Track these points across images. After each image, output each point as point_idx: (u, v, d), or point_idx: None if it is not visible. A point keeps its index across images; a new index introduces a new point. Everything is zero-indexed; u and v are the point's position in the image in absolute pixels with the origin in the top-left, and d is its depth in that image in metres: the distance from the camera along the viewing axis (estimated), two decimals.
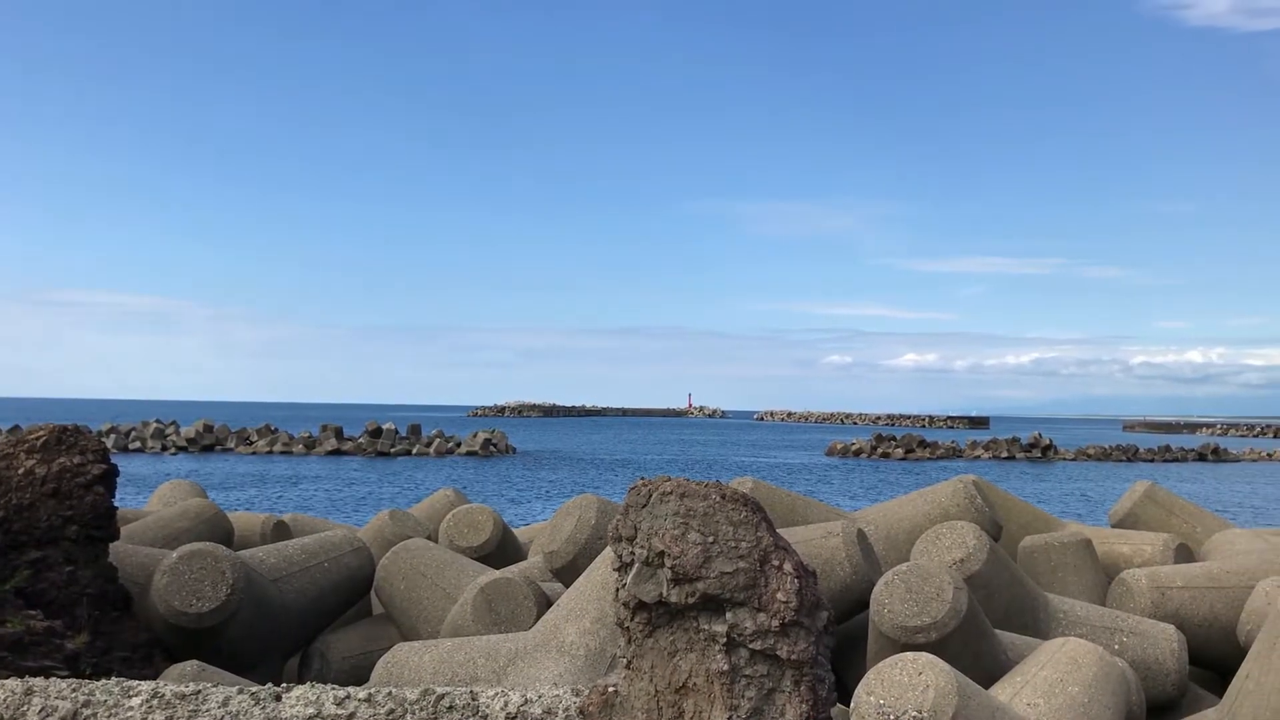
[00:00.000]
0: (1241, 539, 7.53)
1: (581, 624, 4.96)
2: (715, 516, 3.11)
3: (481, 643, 5.25)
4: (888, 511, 6.95)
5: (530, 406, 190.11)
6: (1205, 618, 6.06)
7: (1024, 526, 7.63)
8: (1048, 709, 4.20)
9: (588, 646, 4.88)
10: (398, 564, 6.65)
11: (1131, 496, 8.50)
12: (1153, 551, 7.31)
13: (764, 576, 3.07)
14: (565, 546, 6.26)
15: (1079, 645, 4.65)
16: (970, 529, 5.68)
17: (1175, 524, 8.16)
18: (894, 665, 3.79)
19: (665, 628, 3.14)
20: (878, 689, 3.72)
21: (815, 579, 3.19)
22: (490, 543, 7.53)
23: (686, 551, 3.06)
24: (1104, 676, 4.50)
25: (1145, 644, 5.51)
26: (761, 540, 3.12)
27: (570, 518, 6.38)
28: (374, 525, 8.15)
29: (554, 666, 4.80)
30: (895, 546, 6.53)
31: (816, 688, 3.03)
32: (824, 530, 5.65)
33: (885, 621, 4.77)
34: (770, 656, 3.02)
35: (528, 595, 5.87)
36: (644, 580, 3.11)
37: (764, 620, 3.02)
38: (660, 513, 3.12)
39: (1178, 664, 5.47)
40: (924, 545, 5.74)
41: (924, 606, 4.71)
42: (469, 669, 5.03)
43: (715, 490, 3.20)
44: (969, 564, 5.48)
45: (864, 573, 5.42)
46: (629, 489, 3.27)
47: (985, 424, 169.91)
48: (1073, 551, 6.76)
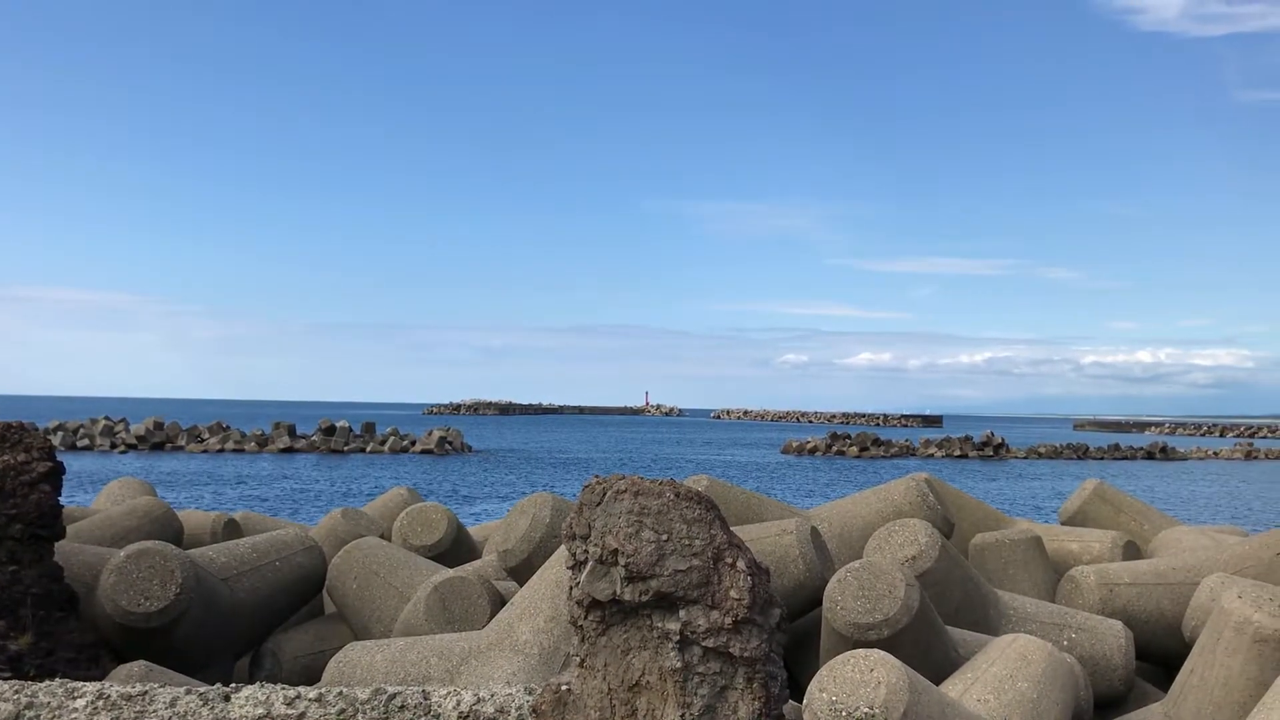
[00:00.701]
0: (1187, 536, 7.66)
1: (535, 622, 4.95)
2: (669, 514, 3.11)
3: (435, 642, 5.22)
4: (841, 509, 6.99)
5: (486, 404, 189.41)
6: (1152, 614, 6.15)
7: (975, 524, 7.71)
8: (998, 705, 4.24)
9: (541, 645, 4.87)
10: (350, 563, 6.60)
11: (1081, 495, 8.62)
12: (1101, 549, 7.41)
13: (717, 574, 3.08)
14: (520, 545, 6.24)
15: (1028, 641, 4.70)
16: (922, 527, 5.73)
17: (1124, 521, 8.28)
18: (846, 662, 3.82)
19: (619, 626, 3.14)
20: (830, 685, 3.74)
21: (768, 576, 3.20)
22: (444, 541, 7.49)
23: (640, 549, 3.06)
24: (1053, 672, 4.55)
25: (1094, 640, 5.58)
26: (715, 538, 3.13)
27: (525, 516, 6.36)
28: (326, 524, 8.08)
29: (507, 665, 4.78)
30: (849, 544, 6.57)
31: (769, 685, 3.05)
32: (778, 528, 5.68)
33: (838, 618, 4.80)
34: (723, 654, 3.03)
35: (481, 594, 5.85)
36: (597, 578, 3.11)
37: (717, 618, 3.03)
38: (614, 511, 3.12)
39: (1125, 659, 5.55)
40: (877, 543, 5.79)
41: (876, 603, 4.75)
42: (422, 668, 5.01)
43: (669, 488, 3.20)
44: (921, 561, 5.53)
45: (817, 570, 5.46)
46: (583, 487, 3.27)
47: (939, 423, 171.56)
48: (1023, 549, 6.84)
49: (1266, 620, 4.60)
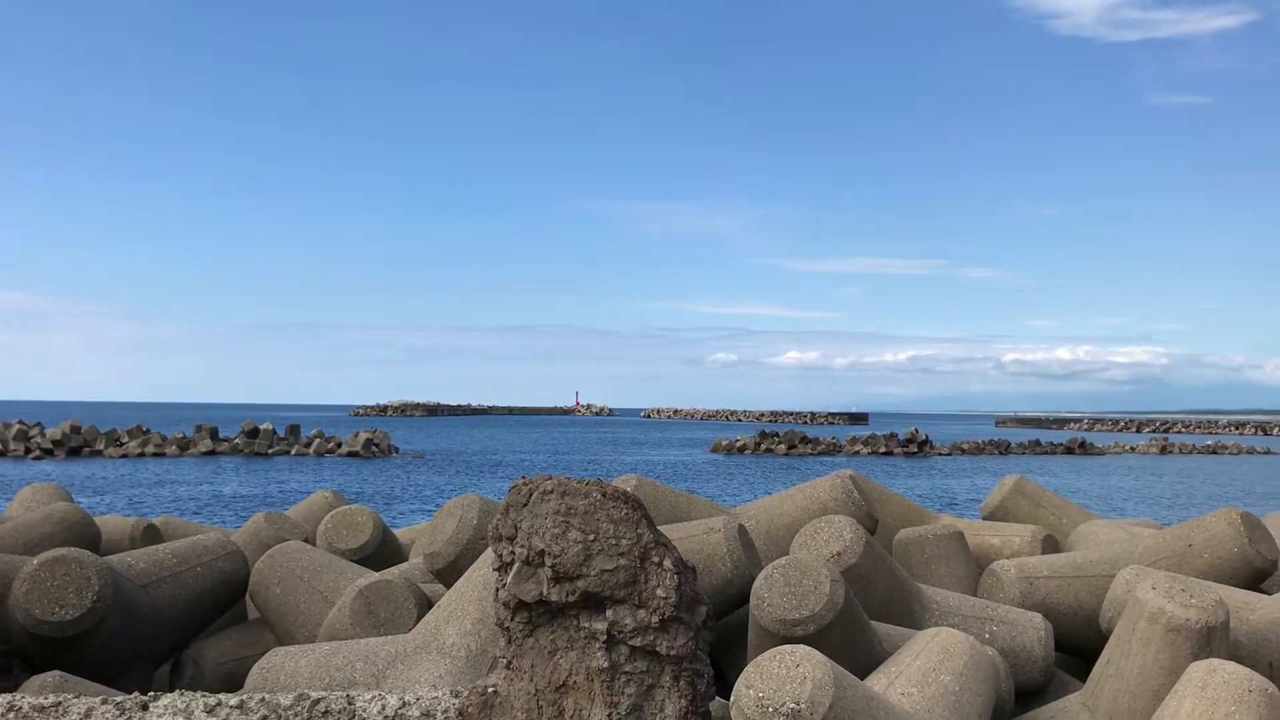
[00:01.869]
0: (1104, 530, 7.83)
1: (463, 625, 4.92)
2: (596, 514, 3.12)
3: (360, 646, 5.16)
4: (768, 507, 7.04)
5: (414, 406, 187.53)
6: (1070, 606, 6.27)
7: (899, 520, 7.81)
8: (921, 698, 4.30)
9: (469, 647, 4.83)
10: (273, 567, 6.49)
11: (1001, 490, 8.77)
12: (1021, 543, 7.55)
13: (644, 573, 3.09)
14: (446, 547, 6.19)
15: (951, 635, 4.78)
16: (847, 523, 5.79)
17: (1043, 516, 8.44)
18: (772, 658, 3.84)
19: (545, 627, 3.14)
20: (757, 682, 3.77)
21: (695, 574, 3.22)
22: (370, 544, 7.40)
23: (567, 550, 3.06)
24: (974, 665, 4.63)
25: (1014, 632, 5.69)
26: (642, 537, 3.14)
27: (452, 518, 6.31)
28: (249, 528, 7.94)
29: (434, 668, 4.74)
30: (776, 541, 6.62)
31: (695, 682, 3.06)
32: (706, 526, 5.70)
33: (765, 615, 4.83)
34: (650, 652, 3.04)
35: (408, 597, 5.79)
36: (524, 579, 3.10)
37: (644, 617, 3.04)
38: (541, 511, 3.11)
39: (1045, 651, 5.66)
40: (803, 539, 5.84)
41: (802, 600, 4.79)
42: (347, 673, 4.94)
43: (596, 488, 3.20)
44: (846, 557, 5.59)
45: (745, 567, 5.49)
46: (509, 488, 3.25)
47: (865, 420, 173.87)
48: (945, 543, 6.95)
49: (1179, 611, 4.72)
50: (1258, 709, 4.12)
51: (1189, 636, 4.67)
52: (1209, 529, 6.37)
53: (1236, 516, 6.34)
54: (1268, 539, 6.34)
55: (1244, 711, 4.10)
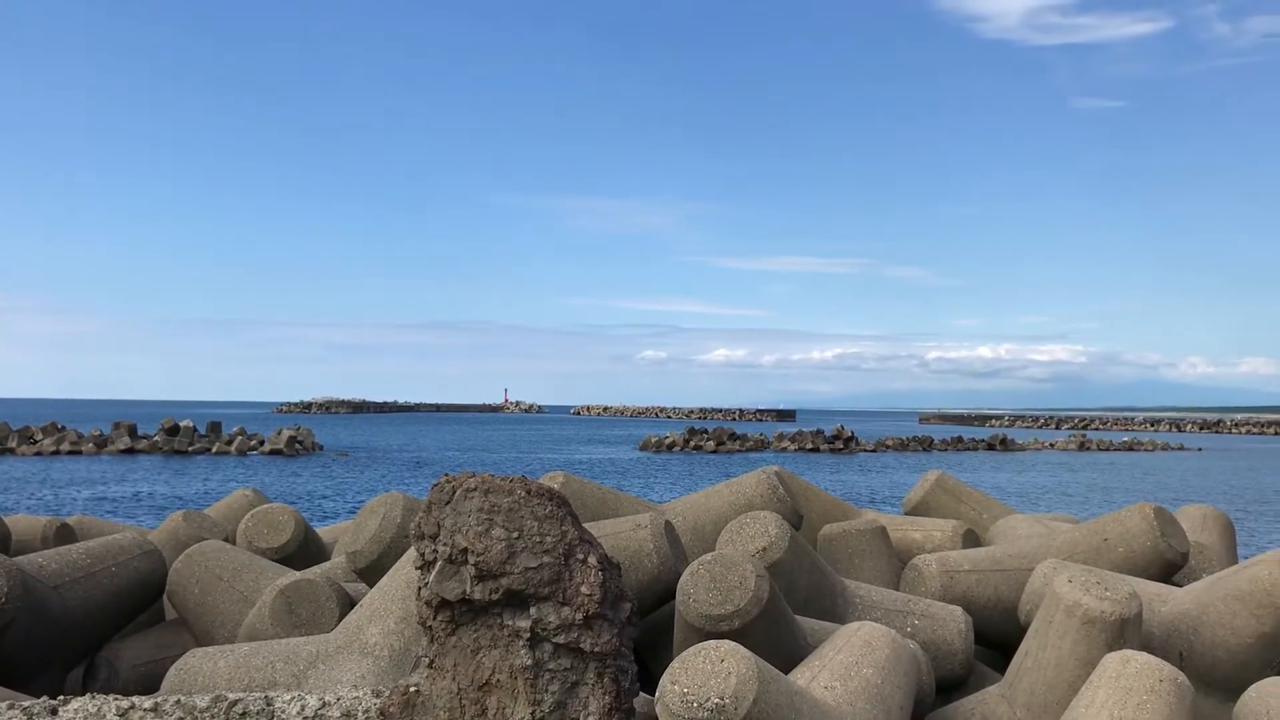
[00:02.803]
0: (1023, 524, 7.98)
1: (385, 624, 4.85)
2: (520, 512, 3.09)
3: (280, 646, 5.07)
4: (695, 503, 7.06)
5: (339, 403, 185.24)
6: (990, 599, 6.38)
7: (824, 515, 7.88)
8: (844, 691, 4.34)
9: (391, 647, 4.77)
10: (192, 567, 6.36)
11: (924, 485, 8.89)
12: (942, 537, 7.66)
13: (568, 570, 3.07)
14: (369, 546, 6.11)
15: (873, 629, 4.83)
16: (772, 519, 5.83)
17: (964, 511, 8.57)
18: (697, 654, 3.85)
19: (468, 625, 3.11)
20: (682, 677, 3.77)
21: (619, 571, 3.21)
22: (291, 543, 7.28)
23: (490, 548, 3.03)
24: (896, 658, 4.68)
25: (935, 626, 5.77)
26: (566, 534, 3.12)
27: (375, 516, 6.23)
28: (167, 527, 7.77)
29: (356, 668, 4.67)
30: (702, 537, 6.64)
31: (619, 679, 3.06)
32: (632, 523, 5.70)
33: (690, 610, 4.85)
34: (574, 650, 3.02)
35: (330, 596, 5.71)
36: (446, 578, 3.07)
37: (568, 614, 3.02)
38: (464, 509, 3.08)
39: (965, 644, 5.75)
40: (728, 535, 5.86)
41: (727, 595, 4.81)
42: (267, 673, 4.85)
43: (520, 485, 3.18)
44: (771, 552, 5.62)
45: (671, 564, 5.50)
46: (432, 485, 3.22)
47: (792, 417, 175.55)
48: (869, 538, 7.02)
49: (1094, 603, 4.82)
50: (1168, 698, 4.23)
51: (1104, 628, 4.78)
52: (1123, 523, 6.52)
53: (1150, 511, 6.49)
54: (1179, 533, 6.51)
55: (1155, 700, 4.21)
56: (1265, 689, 4.71)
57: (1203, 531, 7.61)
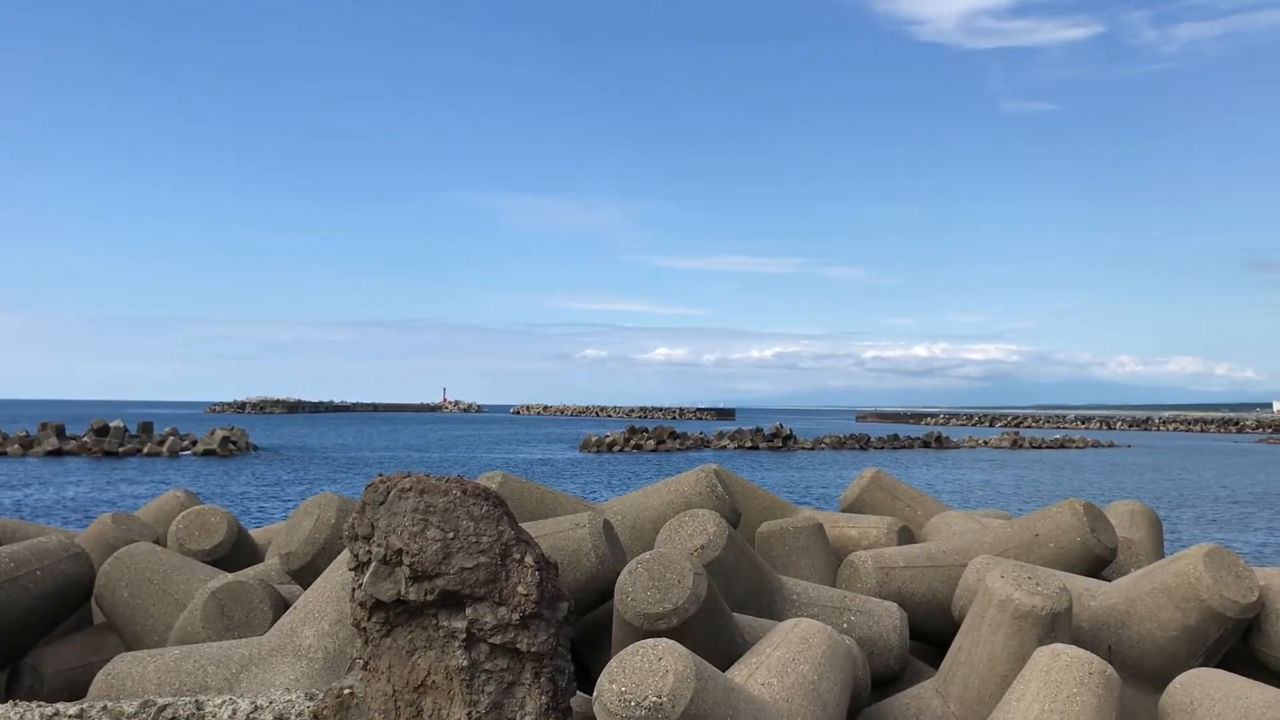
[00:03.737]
0: (956, 521, 8.08)
1: (320, 626, 4.79)
2: (456, 512, 3.07)
3: (212, 649, 4.98)
4: (634, 502, 7.06)
5: (273, 402, 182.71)
6: (925, 595, 6.45)
7: (762, 513, 7.92)
8: (780, 687, 4.37)
9: (326, 649, 4.71)
10: (120, 570, 6.23)
11: (860, 483, 8.97)
12: (878, 534, 7.73)
13: (505, 570, 3.06)
14: (303, 547, 6.03)
15: (809, 625, 4.86)
16: (711, 517, 5.84)
17: (899, 508, 8.66)
18: (635, 652, 3.85)
19: (403, 626, 3.08)
20: (619, 676, 3.77)
21: (556, 571, 3.20)
22: (223, 545, 7.17)
23: (426, 548, 3.01)
24: (832, 654, 4.72)
25: (871, 622, 5.82)
26: (503, 534, 3.11)
27: (309, 517, 6.15)
28: (94, 530, 7.60)
29: (290, 671, 4.61)
30: (641, 536, 6.64)
31: (556, 678, 3.05)
32: (571, 522, 5.68)
33: (628, 609, 4.84)
34: (510, 650, 3.01)
35: (263, 598, 5.62)
36: (381, 579, 3.04)
37: (504, 614, 3.00)
38: (399, 510, 3.05)
39: (900, 640, 5.81)
40: (667, 534, 5.87)
41: (666, 593, 4.81)
42: (198, 677, 4.77)
43: (456, 485, 3.16)
44: (709, 550, 5.63)
45: (609, 563, 5.49)
46: (366, 486, 3.18)
47: (731, 415, 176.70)
48: (806, 536, 7.07)
49: (1025, 598, 4.90)
50: (1096, 690, 4.31)
51: (1035, 623, 4.86)
52: (1054, 519, 6.63)
53: (1080, 507, 6.61)
54: (1108, 528, 6.64)
55: (1085, 693, 4.29)
56: (1189, 680, 4.83)
57: (1131, 527, 7.76)
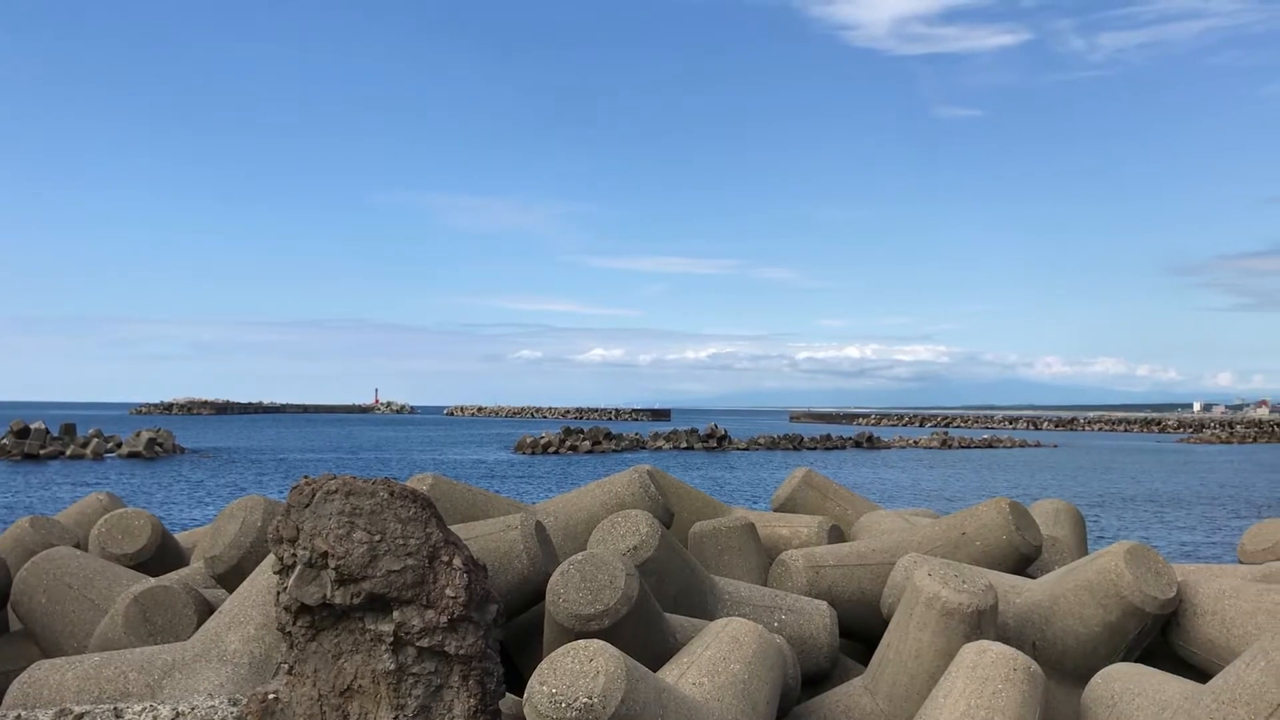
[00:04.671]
0: (886, 519, 8.17)
1: (245, 631, 4.71)
2: (383, 514, 3.03)
3: (134, 655, 4.87)
4: (567, 503, 7.04)
5: (201, 403, 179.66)
6: (854, 593, 6.51)
7: (695, 513, 7.94)
8: (711, 687, 4.38)
9: (252, 654, 4.63)
10: (38, 575, 6.07)
11: (791, 482, 9.03)
12: (809, 533, 7.78)
13: (433, 573, 3.03)
14: (229, 550, 5.92)
15: (740, 624, 4.89)
16: (643, 517, 5.84)
17: (829, 507, 8.73)
18: (566, 653, 3.84)
19: (329, 630, 3.04)
20: (550, 678, 3.75)
21: (485, 573, 3.18)
22: (147, 549, 7.01)
23: (352, 551, 2.97)
24: (763, 653, 4.75)
25: (801, 620, 5.86)
26: (431, 536, 3.08)
27: (234, 520, 6.04)
28: (11, 534, 7.39)
29: (214, 676, 4.52)
30: (574, 537, 6.62)
31: (485, 681, 3.02)
32: (503, 524, 5.65)
33: (560, 611, 4.82)
34: (438, 653, 2.98)
35: (187, 603, 5.51)
36: (306, 582, 2.99)
37: (432, 617, 2.98)
38: (324, 512, 3.01)
39: (830, 638, 5.86)
40: (600, 535, 5.86)
41: (597, 594, 4.80)
42: (119, 684, 4.66)
43: (383, 487, 3.12)
44: (641, 551, 5.63)
45: (541, 564, 5.47)
46: (291, 488, 3.13)
47: (667, 416, 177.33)
48: (738, 535, 7.10)
49: (952, 595, 4.97)
50: (1021, 686, 4.39)
51: (962, 620, 4.93)
52: (980, 518, 6.73)
53: (1005, 505, 6.72)
54: (1033, 526, 6.75)
55: (1009, 689, 4.36)
56: (1111, 674, 4.93)
57: (1055, 525, 7.91)
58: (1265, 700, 4.07)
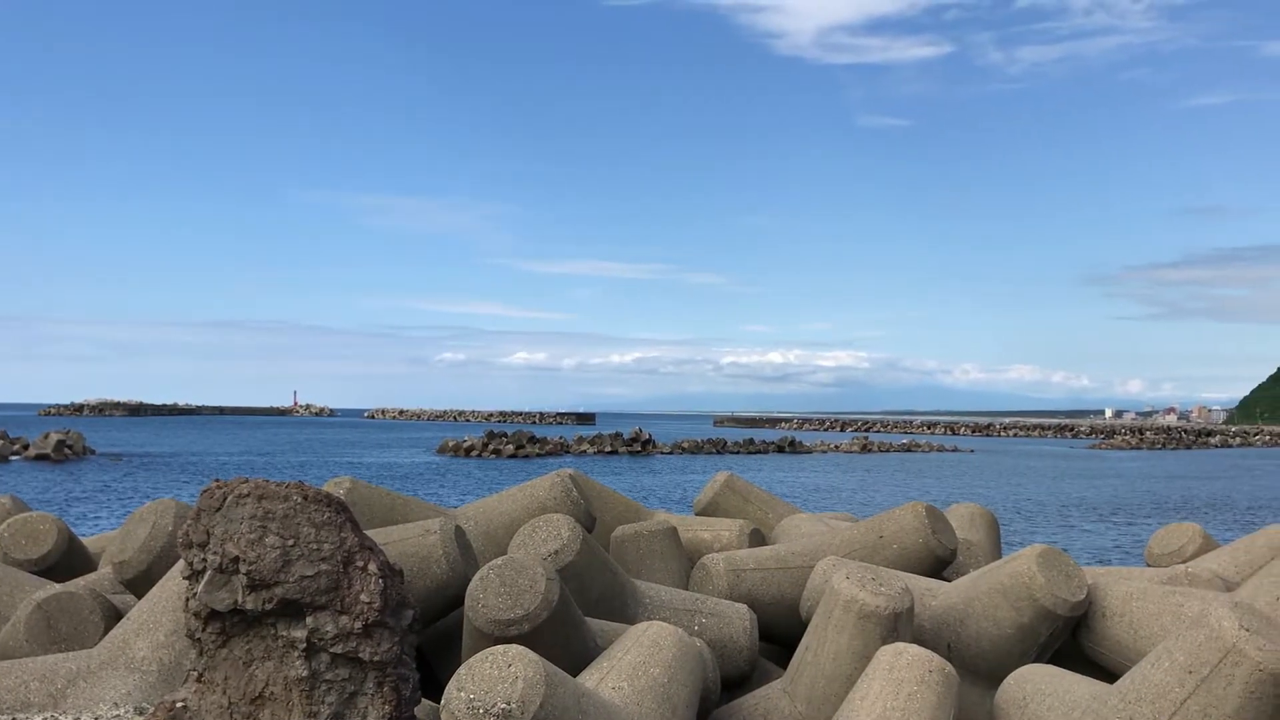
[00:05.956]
0: (805, 523, 8.24)
1: (155, 637, 4.59)
2: (296, 518, 2.98)
3: (36, 664, 4.72)
4: (488, 507, 6.99)
5: (114, 405, 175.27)
6: (774, 597, 6.55)
7: (617, 517, 7.94)
8: (631, 691, 4.37)
9: (161, 661, 4.51)
10: None
11: (713, 486, 9.07)
12: (730, 537, 7.83)
13: (347, 578, 2.98)
14: (138, 555, 5.77)
15: (660, 628, 4.89)
16: (565, 521, 5.82)
17: (751, 510, 8.80)
18: (484, 659, 3.80)
19: (240, 637, 2.97)
20: (468, 684, 3.71)
21: (401, 578, 3.14)
22: (53, 554, 6.80)
23: (264, 556, 2.91)
24: (682, 657, 4.75)
25: (721, 624, 5.89)
26: (346, 541, 3.03)
27: (144, 524, 5.89)
28: None
29: (121, 685, 4.40)
30: (494, 541, 6.58)
31: (400, 688, 2.98)
32: (422, 528, 5.59)
33: (479, 616, 4.78)
34: (352, 659, 2.93)
35: (93, 609, 5.36)
36: (216, 588, 2.92)
37: (346, 623, 2.93)
38: (235, 516, 2.94)
39: (750, 641, 5.89)
40: (521, 539, 5.82)
41: (517, 599, 4.77)
42: (19, 694, 4.50)
43: (297, 491, 3.06)
44: (563, 555, 5.61)
45: (460, 569, 5.41)
46: (202, 491, 3.06)
47: (592, 420, 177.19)
48: (660, 539, 7.10)
49: (869, 598, 5.03)
50: (936, 688, 4.45)
51: (878, 622, 4.99)
52: (897, 521, 6.83)
53: (922, 509, 6.82)
54: (948, 530, 6.87)
55: (925, 690, 4.42)
56: (1023, 675, 5.03)
57: (970, 529, 8.05)
58: (1168, 699, 4.18)
